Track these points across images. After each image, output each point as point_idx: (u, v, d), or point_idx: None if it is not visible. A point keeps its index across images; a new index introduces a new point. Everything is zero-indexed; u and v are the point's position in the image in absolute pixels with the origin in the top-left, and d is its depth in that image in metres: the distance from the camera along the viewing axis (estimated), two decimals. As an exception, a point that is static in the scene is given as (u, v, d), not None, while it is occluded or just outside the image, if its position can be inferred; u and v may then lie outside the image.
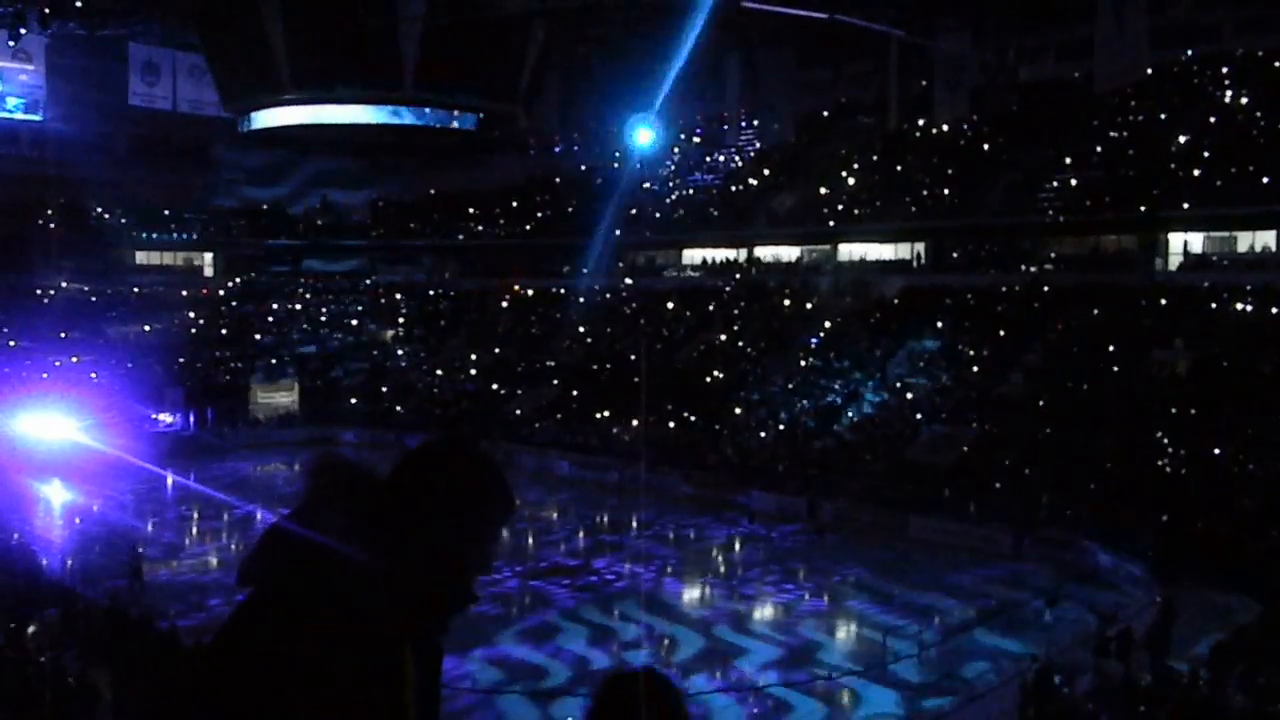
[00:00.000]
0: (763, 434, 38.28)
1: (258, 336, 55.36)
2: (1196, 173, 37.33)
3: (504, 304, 57.22)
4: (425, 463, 1.77)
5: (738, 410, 39.87)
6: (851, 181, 48.37)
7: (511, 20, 34.09)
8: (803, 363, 41.91)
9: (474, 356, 52.44)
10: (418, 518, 1.68)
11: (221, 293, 58.84)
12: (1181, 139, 39.09)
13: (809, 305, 45.60)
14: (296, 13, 32.52)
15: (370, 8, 30.47)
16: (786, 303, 46.56)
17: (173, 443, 43.97)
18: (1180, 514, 25.74)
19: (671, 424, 40.45)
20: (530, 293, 56.95)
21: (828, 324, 43.62)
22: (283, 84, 34.37)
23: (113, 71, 43.45)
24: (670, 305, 50.25)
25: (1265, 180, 35.24)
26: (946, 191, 44.44)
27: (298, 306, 58.92)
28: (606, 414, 42.65)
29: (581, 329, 51.08)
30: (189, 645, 16.98)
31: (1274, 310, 33.10)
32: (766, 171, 52.85)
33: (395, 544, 1.64)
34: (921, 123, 45.78)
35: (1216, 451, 28.20)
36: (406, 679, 1.58)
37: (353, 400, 50.66)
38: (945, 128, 45.39)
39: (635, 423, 40.95)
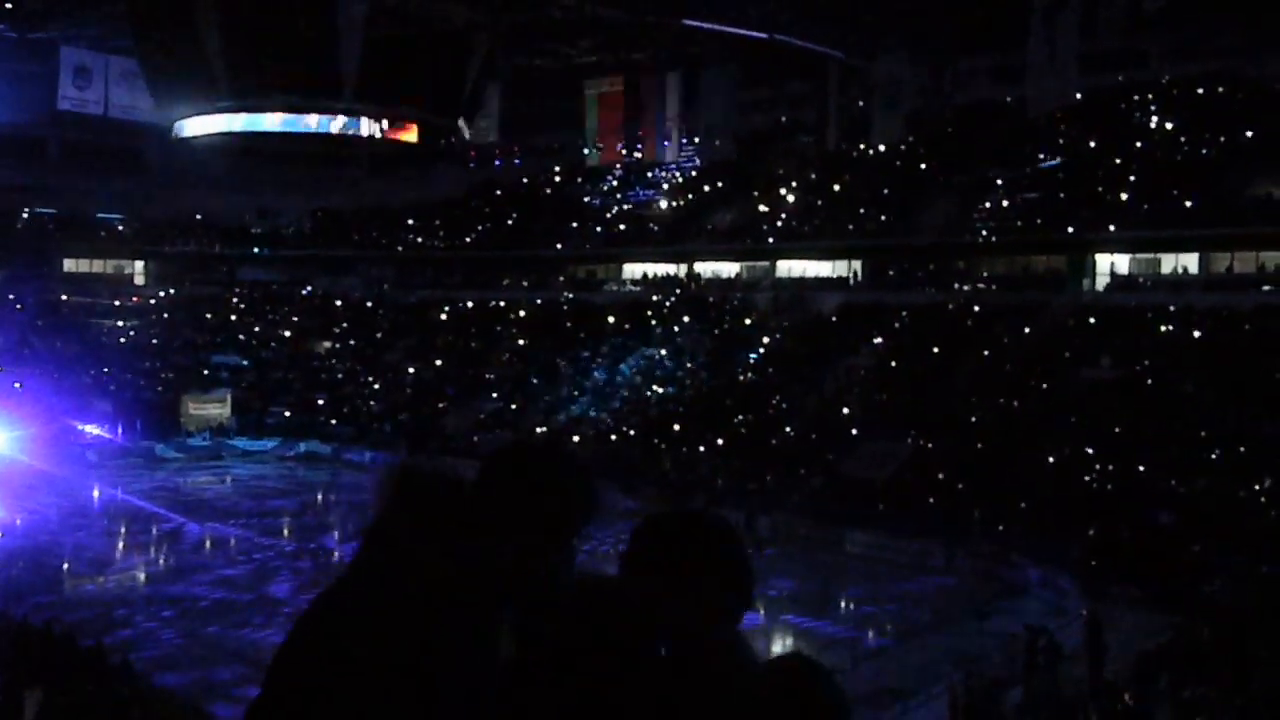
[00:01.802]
0: (701, 448, 38.45)
1: (190, 347, 54.32)
2: (1124, 196, 38.39)
3: (443, 316, 56.85)
4: (512, 466, 1.80)
5: (676, 426, 40.01)
6: (790, 199, 48.95)
7: (453, 33, 34.03)
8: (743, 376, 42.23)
9: (412, 369, 52.00)
10: (506, 520, 1.70)
11: (153, 302, 57.67)
12: (1109, 163, 40.19)
13: (748, 321, 45.99)
14: (234, 20, 32.14)
15: (310, 17, 30.24)
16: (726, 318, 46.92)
17: (101, 455, 42.97)
18: (1106, 528, 26.35)
19: (613, 437, 40.46)
20: (470, 305, 56.65)
21: (766, 339, 44.01)
22: (219, 91, 33.94)
23: (43, 75, 42.50)
24: (610, 319, 50.34)
25: (1188, 205, 36.36)
26: (883, 211, 45.18)
27: (232, 317, 57.94)
28: (546, 428, 42.52)
29: (521, 342, 50.94)
30: (117, 663, 16.62)
31: (1196, 332, 34.10)
32: (707, 188, 53.26)
33: (484, 547, 1.67)
34: (861, 146, 46.53)
35: (1141, 468, 28.94)
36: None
37: (287, 413, 49.88)
38: (882, 148, 46.15)
39: (576, 438, 40.89)
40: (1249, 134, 38.27)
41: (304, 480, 41.70)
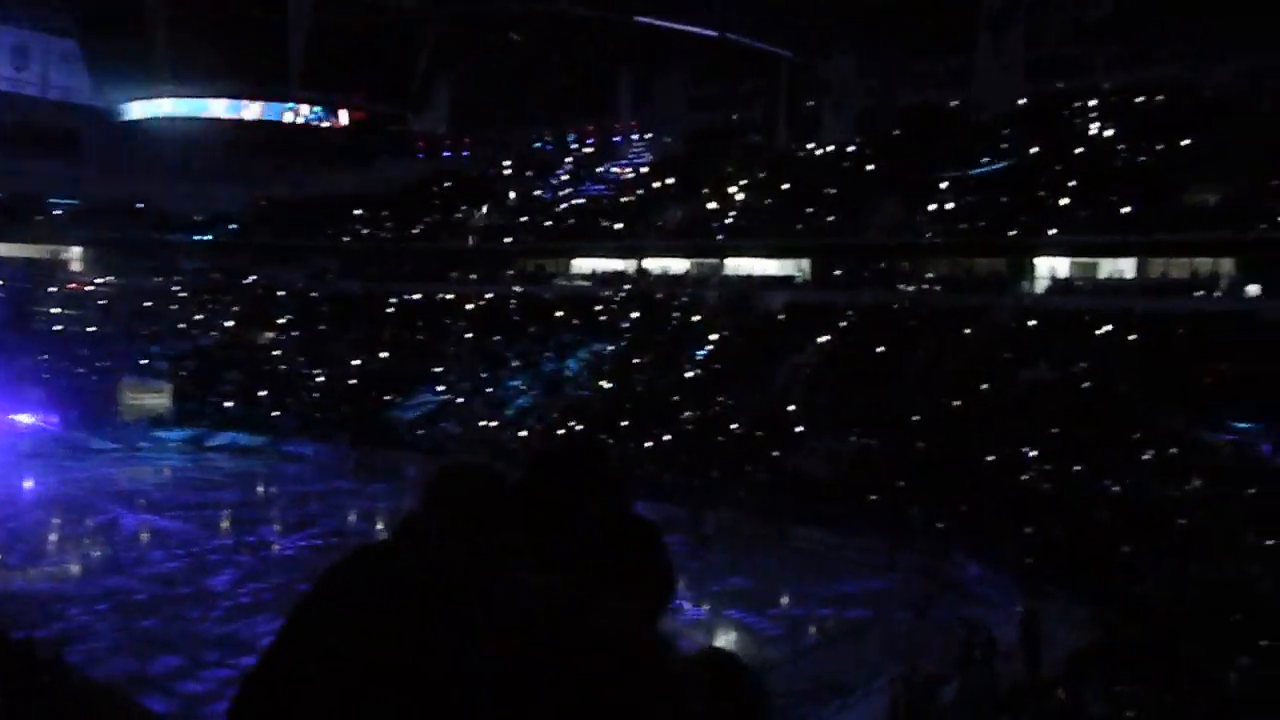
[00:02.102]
0: (647, 444, 38.55)
1: (128, 335, 53.28)
2: (1065, 201, 39.12)
3: (389, 309, 56.33)
4: (558, 465, 1.84)
5: (624, 422, 40.08)
6: (740, 197, 49.21)
7: (402, 23, 33.77)
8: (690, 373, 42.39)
9: (357, 361, 51.48)
10: (553, 517, 1.73)
11: (90, 288, 56.44)
12: (1052, 168, 40.93)
13: (696, 317, 46.17)
14: (181, 4, 31.62)
15: (258, 4, 29.84)
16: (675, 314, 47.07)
17: (35, 444, 42.00)
18: (1043, 527, 26.88)
19: (560, 432, 40.41)
20: (417, 297, 56.19)
21: (714, 337, 44.22)
22: (163, 76, 33.35)
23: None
24: (559, 314, 50.25)
25: (1125, 210, 37.16)
26: (831, 210, 45.59)
27: (172, 305, 56.91)
28: (494, 422, 42.36)
29: (469, 336, 50.67)
30: (50, 656, 16.30)
31: (1132, 336, 34.87)
32: (657, 184, 53.36)
33: (529, 543, 1.69)
34: (809, 144, 46.90)
35: (1077, 468, 29.55)
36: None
37: (228, 404, 49.14)
38: (831, 148, 46.57)
39: (524, 433, 40.79)
40: (1187, 142, 39.18)
41: (244, 472, 41.13)
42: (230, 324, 56.65)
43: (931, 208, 42.80)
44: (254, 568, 27.19)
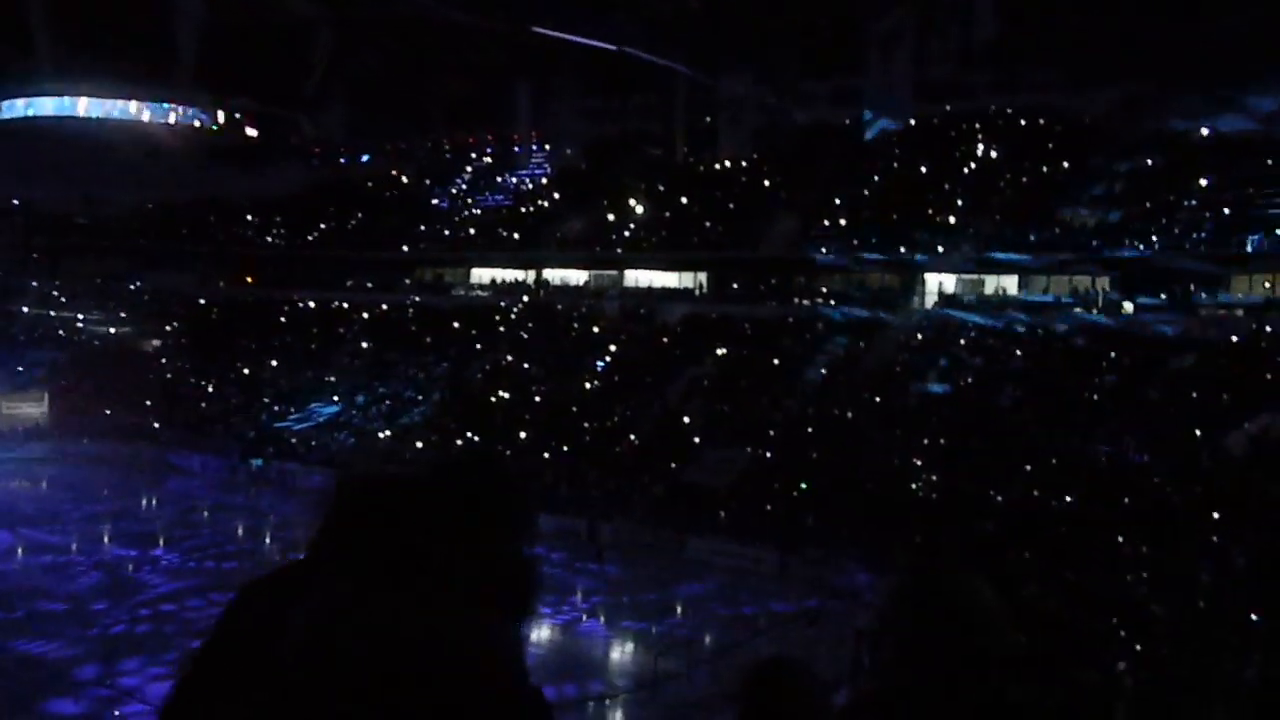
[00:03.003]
0: (545, 455, 38.44)
1: (4, 342, 51.00)
2: (952, 220, 40.40)
3: (282, 317, 55.04)
4: (449, 480, 1.78)
5: (522, 434, 39.90)
6: (639, 210, 49.53)
7: (295, 27, 33.21)
8: (588, 384, 42.45)
9: (248, 370, 50.18)
10: (443, 535, 1.67)
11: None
12: (939, 187, 42.23)
13: (595, 329, 46.25)
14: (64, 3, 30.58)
15: (147, 1, 29.04)
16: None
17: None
18: (930, 535, 27.62)
19: (457, 443, 40.00)
20: (311, 305, 55.05)
21: (613, 348, 44.35)
22: (43, 74, 32.17)
23: None
24: (456, 324, 49.79)
25: (1008, 230, 38.58)
26: (728, 225, 46.19)
27: (52, 312, 54.69)
28: (389, 433, 41.76)
29: (364, 345, 49.85)
30: None
31: (1018, 350, 36.15)
32: (557, 195, 53.36)
33: (422, 564, 1.62)
34: (707, 159, 47.49)
35: (963, 478, 30.46)
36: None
37: (108, 412, 47.33)
38: (728, 164, 47.23)
39: (419, 444, 40.29)
40: (1065, 165, 40.86)
41: (126, 485, 39.64)
42: (114, 331, 54.72)
43: (825, 223, 43.71)
44: (131, 584, 26.33)
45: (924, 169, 43.44)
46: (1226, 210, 36.06)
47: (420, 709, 1.41)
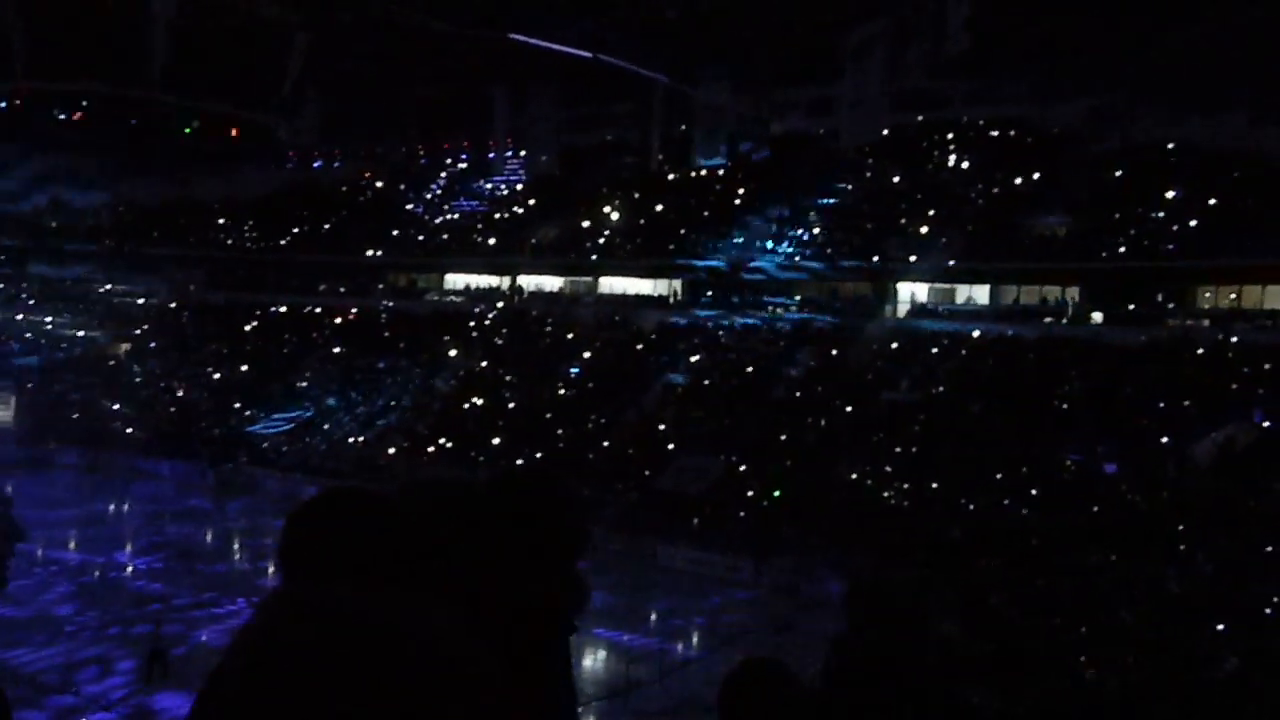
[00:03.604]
0: (519, 461, 38.37)
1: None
2: (924, 229, 40.70)
3: (254, 321, 54.65)
4: (505, 495, 1.77)
5: (496, 440, 39.81)
6: (614, 217, 49.56)
7: (270, 30, 33.08)
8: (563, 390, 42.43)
9: (218, 375, 49.78)
10: (501, 547, 1.65)
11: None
12: (912, 197, 42.52)
13: (569, 336, 46.21)
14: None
15: (121, 1, 28.88)
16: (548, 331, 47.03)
17: None
18: (900, 543, 27.76)
19: (430, 449, 39.90)
20: (283, 310, 54.69)
21: (587, 355, 44.33)
22: (15, 70, 31.89)
23: None
24: (430, 330, 49.61)
25: (979, 240, 38.92)
26: (702, 233, 46.28)
27: (19, 315, 54.08)
28: (361, 439, 41.56)
29: (337, 350, 49.57)
30: None
31: (986, 359, 36.45)
32: (532, 201, 53.32)
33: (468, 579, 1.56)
34: (681, 167, 47.59)
35: (934, 486, 30.67)
36: None
37: (76, 416, 46.82)
38: (703, 172, 47.35)
39: (392, 450, 40.13)
40: (1036, 176, 41.25)
41: (94, 491, 39.22)
42: (83, 334, 54.16)
43: (799, 232, 43.92)
44: (102, 591, 26.06)
45: (896, 178, 43.73)
46: (1194, 221, 36.51)
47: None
